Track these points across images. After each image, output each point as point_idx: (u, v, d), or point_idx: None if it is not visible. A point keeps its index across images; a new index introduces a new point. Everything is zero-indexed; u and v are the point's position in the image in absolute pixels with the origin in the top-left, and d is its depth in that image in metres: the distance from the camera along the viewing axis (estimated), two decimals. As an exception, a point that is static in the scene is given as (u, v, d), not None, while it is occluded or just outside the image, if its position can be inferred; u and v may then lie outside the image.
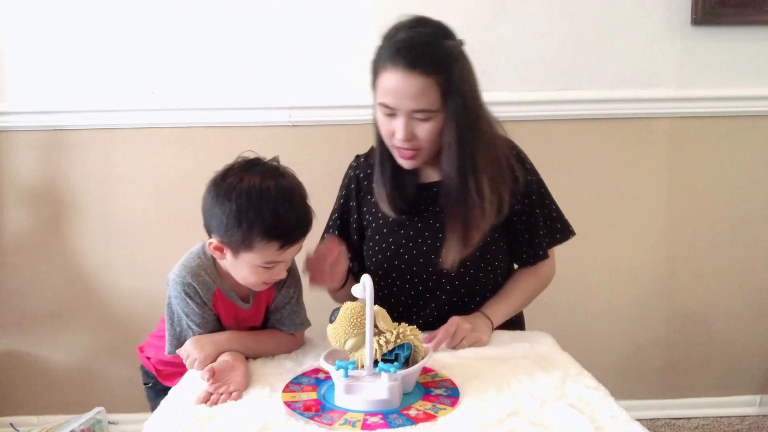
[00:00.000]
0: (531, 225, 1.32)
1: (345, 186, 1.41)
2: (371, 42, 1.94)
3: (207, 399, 0.98)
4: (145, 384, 1.37)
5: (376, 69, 1.20)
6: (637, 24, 1.97)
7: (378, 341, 0.98)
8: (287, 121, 1.97)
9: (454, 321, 1.21)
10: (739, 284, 2.14)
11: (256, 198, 1.05)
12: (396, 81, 1.14)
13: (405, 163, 1.24)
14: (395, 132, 1.18)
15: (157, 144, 2.00)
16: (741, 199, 2.09)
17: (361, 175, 1.37)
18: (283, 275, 1.13)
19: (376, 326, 0.99)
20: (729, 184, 2.08)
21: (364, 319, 0.96)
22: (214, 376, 1.01)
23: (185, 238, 2.00)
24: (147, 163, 2.01)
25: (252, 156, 1.12)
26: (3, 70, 1.96)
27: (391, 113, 1.18)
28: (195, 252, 1.17)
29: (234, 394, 0.99)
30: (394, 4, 1.91)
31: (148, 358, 1.33)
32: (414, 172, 1.30)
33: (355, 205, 1.37)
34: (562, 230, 1.36)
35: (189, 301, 1.12)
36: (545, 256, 1.35)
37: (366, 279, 0.95)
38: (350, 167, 1.42)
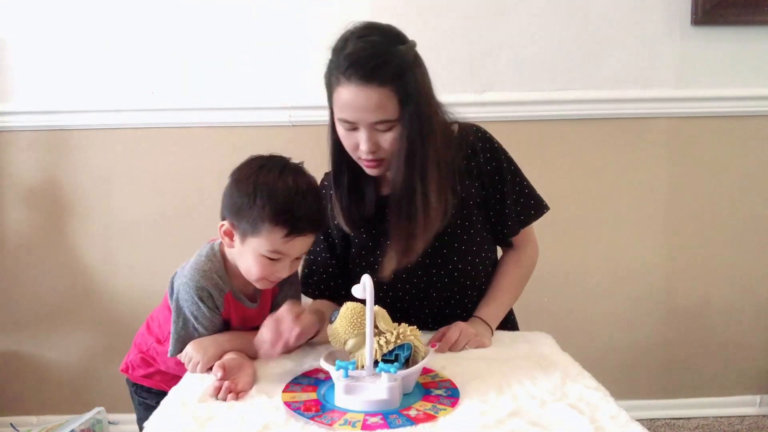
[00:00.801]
0: (503, 202, 1.30)
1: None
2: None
3: (216, 393, 0.98)
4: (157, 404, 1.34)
5: (330, 84, 1.17)
6: (637, 24, 1.97)
7: (378, 341, 0.98)
8: (287, 121, 1.97)
9: (457, 327, 1.20)
10: (739, 284, 2.14)
11: (272, 184, 1.07)
12: (353, 96, 1.11)
13: (371, 172, 1.22)
14: (359, 145, 1.16)
15: (157, 144, 2.00)
16: (741, 199, 2.09)
17: (332, 191, 1.33)
18: (285, 274, 1.13)
19: (376, 326, 0.99)
20: (729, 184, 2.08)
21: (364, 319, 0.96)
22: (225, 371, 1.02)
23: (185, 237, 2.02)
24: (147, 163, 2.01)
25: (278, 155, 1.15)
26: (4, 70, 1.96)
27: (353, 128, 1.15)
28: (205, 254, 1.16)
29: (240, 393, 0.99)
30: (394, 4, 1.93)
31: (147, 377, 1.30)
32: (375, 185, 1.28)
33: (336, 223, 1.33)
34: (535, 206, 1.34)
35: (201, 305, 1.11)
36: (517, 232, 1.33)
37: (366, 279, 0.95)
38: (321, 185, 1.36)
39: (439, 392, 0.99)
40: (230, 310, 1.16)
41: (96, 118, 1.98)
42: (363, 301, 0.97)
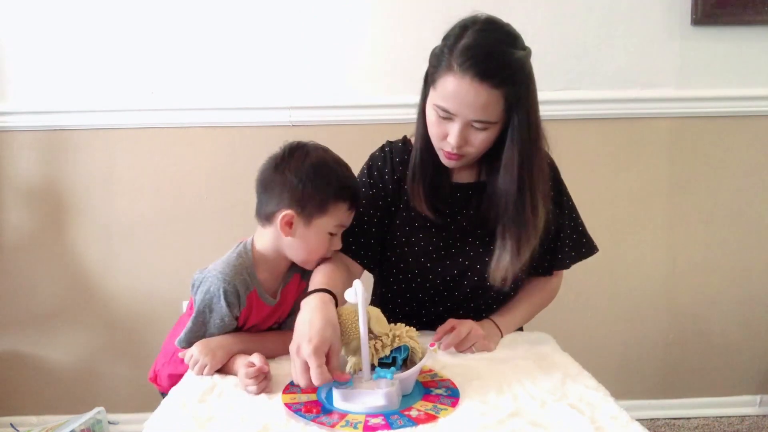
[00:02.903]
0: (557, 233, 1.31)
1: (378, 168, 1.33)
2: (372, 42, 1.96)
3: (258, 381, 1.00)
4: None
5: (438, 68, 1.14)
6: (637, 24, 1.97)
7: (374, 345, 0.98)
8: (287, 121, 1.97)
9: (467, 324, 1.19)
10: (739, 284, 2.14)
11: (325, 166, 1.16)
12: (462, 89, 1.10)
13: (448, 163, 1.22)
14: (447, 135, 1.16)
15: (157, 144, 2.00)
16: (741, 199, 2.09)
17: (397, 159, 1.31)
18: (340, 245, 1.21)
19: (371, 331, 0.98)
20: (729, 184, 2.08)
21: (358, 325, 0.96)
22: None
23: (185, 237, 2.02)
24: (147, 163, 2.01)
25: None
26: (3, 70, 1.96)
27: (448, 117, 1.14)
28: (237, 252, 1.17)
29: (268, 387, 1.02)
30: (394, 4, 1.93)
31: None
32: (449, 173, 1.29)
33: (392, 189, 1.31)
34: (587, 245, 1.37)
35: (223, 301, 1.11)
36: (567, 266, 1.37)
37: (357, 285, 0.95)
38: (382, 150, 1.35)
39: (439, 392, 0.99)
40: (251, 308, 1.16)
41: (96, 118, 1.98)
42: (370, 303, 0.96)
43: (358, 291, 0.94)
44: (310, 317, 0.99)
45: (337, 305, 1.05)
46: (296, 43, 1.95)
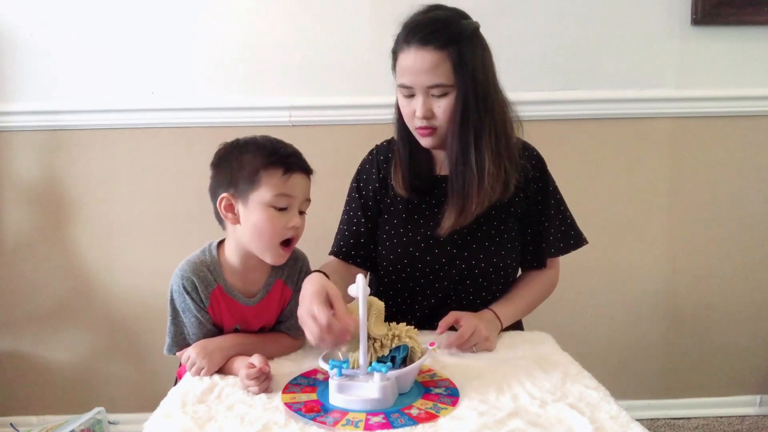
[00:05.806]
0: (543, 228, 1.34)
1: (366, 171, 1.41)
2: (371, 42, 1.96)
3: (257, 383, 1.00)
4: None
5: (395, 53, 1.24)
6: (637, 24, 1.97)
7: (373, 345, 0.98)
8: (287, 121, 1.97)
9: (471, 324, 1.19)
10: (739, 284, 2.14)
11: (253, 141, 1.14)
12: (410, 58, 1.19)
13: (424, 141, 1.26)
14: (415, 111, 1.21)
15: (157, 144, 2.00)
16: (741, 199, 2.09)
17: (382, 157, 1.39)
18: (299, 221, 1.12)
19: (369, 332, 0.99)
20: (729, 184, 2.08)
21: (358, 324, 0.96)
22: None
23: (185, 238, 2.02)
24: (147, 163, 2.01)
25: None
26: (4, 70, 1.96)
27: (410, 93, 1.22)
28: (200, 250, 1.18)
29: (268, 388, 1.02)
30: (393, 5, 1.93)
31: None
32: (431, 161, 1.33)
33: (379, 187, 1.37)
34: (576, 237, 1.38)
35: (186, 296, 1.12)
36: (554, 256, 1.38)
37: (359, 279, 0.95)
38: (370, 153, 1.43)
39: (439, 391, 0.99)
40: (220, 306, 1.15)
41: (96, 118, 1.98)
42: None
43: (360, 285, 0.94)
44: (303, 290, 1.05)
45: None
46: (296, 43, 1.95)
